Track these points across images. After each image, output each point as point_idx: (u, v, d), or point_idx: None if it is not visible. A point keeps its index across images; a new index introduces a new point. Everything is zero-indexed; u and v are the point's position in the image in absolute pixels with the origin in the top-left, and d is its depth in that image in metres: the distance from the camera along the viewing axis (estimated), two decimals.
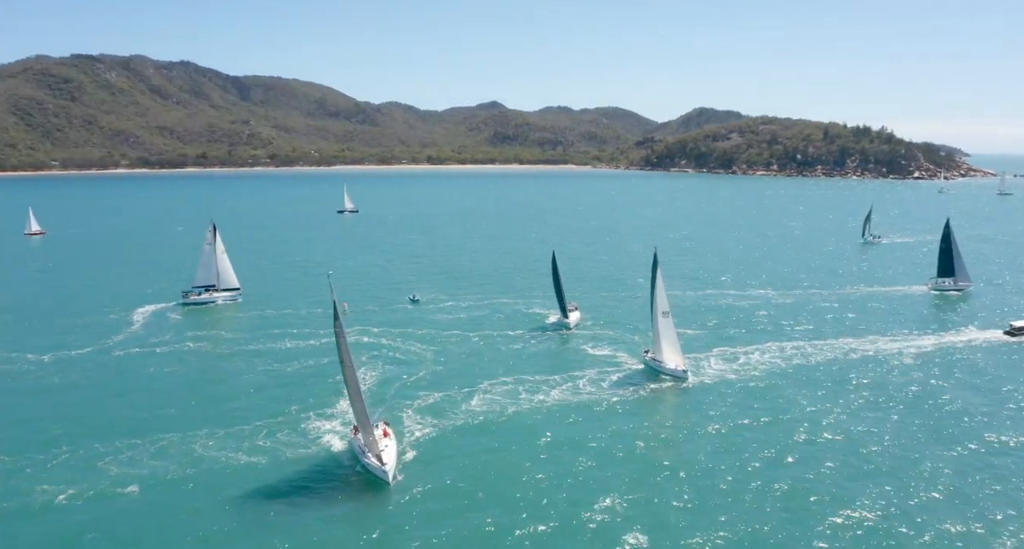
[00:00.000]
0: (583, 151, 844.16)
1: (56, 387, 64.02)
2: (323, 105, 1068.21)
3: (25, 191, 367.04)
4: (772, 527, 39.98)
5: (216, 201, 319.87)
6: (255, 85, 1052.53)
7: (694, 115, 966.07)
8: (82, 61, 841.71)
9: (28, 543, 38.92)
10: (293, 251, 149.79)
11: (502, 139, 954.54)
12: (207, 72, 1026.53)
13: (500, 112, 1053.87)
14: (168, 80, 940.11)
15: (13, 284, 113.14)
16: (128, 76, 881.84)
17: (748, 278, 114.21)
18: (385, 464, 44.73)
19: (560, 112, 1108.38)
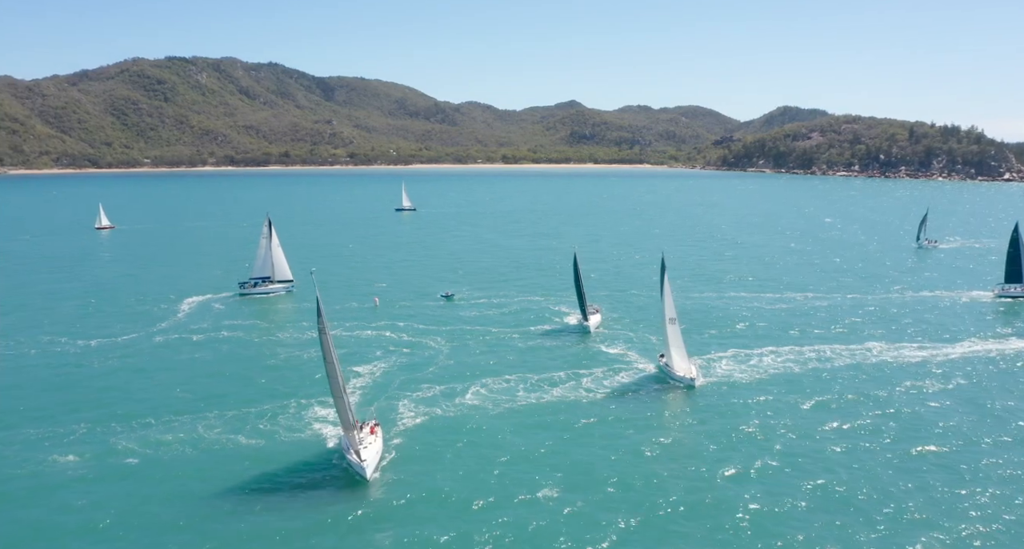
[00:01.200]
0: (660, 150, 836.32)
1: (93, 369, 68.66)
2: (403, 105, 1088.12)
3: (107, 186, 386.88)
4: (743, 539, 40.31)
5: (285, 197, 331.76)
6: (339, 86, 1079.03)
7: (777, 114, 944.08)
8: (176, 63, 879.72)
9: (27, 504, 42.52)
10: (347, 246, 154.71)
11: (578, 138, 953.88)
12: (293, 73, 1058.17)
13: (577, 111, 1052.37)
14: (256, 81, 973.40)
15: (79, 275, 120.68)
16: (218, 77, 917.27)
17: (787, 280, 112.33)
18: (364, 461, 44.91)
19: (639, 111, 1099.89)
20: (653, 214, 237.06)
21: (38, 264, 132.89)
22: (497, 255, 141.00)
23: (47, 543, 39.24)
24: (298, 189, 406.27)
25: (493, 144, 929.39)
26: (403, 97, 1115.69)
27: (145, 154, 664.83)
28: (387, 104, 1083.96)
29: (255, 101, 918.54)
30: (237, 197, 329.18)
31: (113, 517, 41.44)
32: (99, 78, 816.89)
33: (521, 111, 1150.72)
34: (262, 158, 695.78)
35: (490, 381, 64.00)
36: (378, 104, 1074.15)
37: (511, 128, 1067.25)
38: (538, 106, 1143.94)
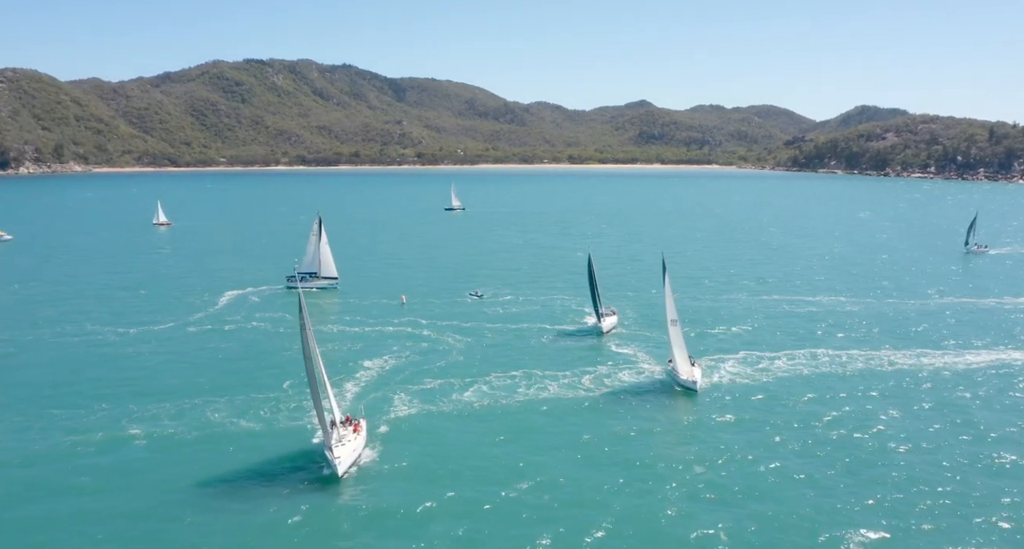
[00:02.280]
0: (729, 151, 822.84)
1: (125, 355, 72.81)
2: (473, 105, 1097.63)
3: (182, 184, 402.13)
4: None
5: (345, 196, 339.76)
6: (410, 86, 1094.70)
7: (854, 113, 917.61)
8: (253, 65, 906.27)
9: (36, 476, 46.04)
10: (390, 244, 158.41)
11: (647, 138, 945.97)
12: (366, 74, 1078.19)
13: (647, 111, 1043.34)
14: (330, 82, 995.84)
15: (132, 268, 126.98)
16: (294, 79, 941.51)
17: (823, 283, 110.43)
18: (337, 458, 45.18)
19: (711, 110, 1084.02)
20: (703, 215, 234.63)
21: (96, 257, 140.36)
22: (536, 255, 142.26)
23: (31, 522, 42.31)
24: (360, 188, 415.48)
25: (560, 144, 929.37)
26: (473, 97, 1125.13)
27: (221, 153, 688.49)
28: (457, 105, 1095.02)
29: (328, 102, 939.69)
30: (300, 195, 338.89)
31: (103, 499, 44.30)
32: (181, 80, 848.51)
33: (590, 111, 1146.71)
34: (332, 158, 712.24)
35: (493, 377, 65.20)
36: (448, 105, 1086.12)
37: (579, 128, 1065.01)
38: (608, 106, 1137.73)
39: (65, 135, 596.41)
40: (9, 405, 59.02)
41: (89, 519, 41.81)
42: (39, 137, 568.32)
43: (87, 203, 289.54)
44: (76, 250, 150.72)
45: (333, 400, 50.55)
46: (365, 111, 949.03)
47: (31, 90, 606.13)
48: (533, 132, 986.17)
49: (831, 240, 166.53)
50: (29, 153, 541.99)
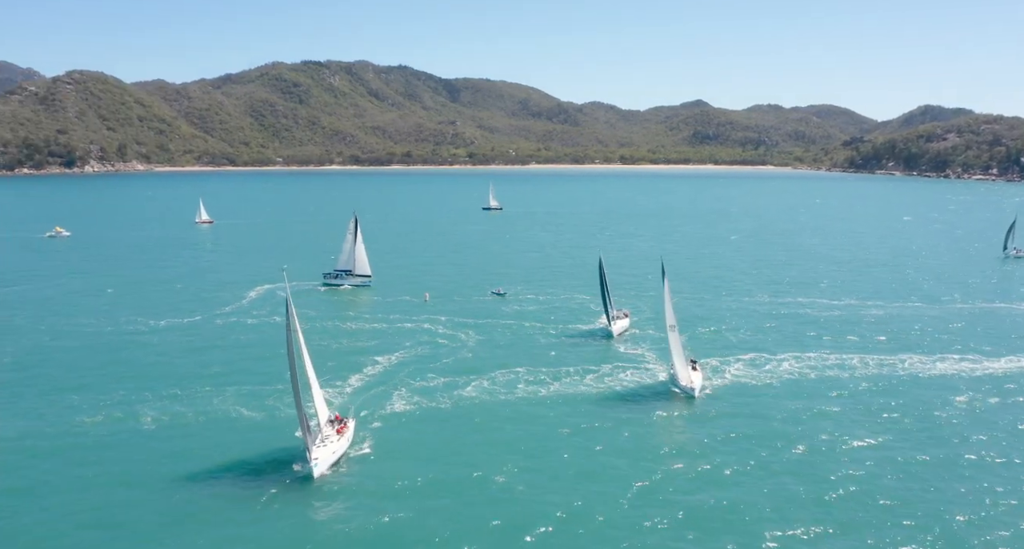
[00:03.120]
0: (786, 151, 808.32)
1: (151, 345, 76.10)
2: (527, 106, 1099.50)
3: (240, 183, 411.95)
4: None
5: (391, 195, 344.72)
6: (465, 87, 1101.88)
7: (917, 113, 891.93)
8: (311, 67, 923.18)
9: (46, 451, 48.85)
10: (424, 243, 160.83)
11: (701, 138, 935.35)
12: (421, 75, 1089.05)
13: (702, 110, 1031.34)
14: (386, 83, 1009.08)
15: (171, 263, 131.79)
16: (350, 80, 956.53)
17: (850, 287, 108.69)
18: (315, 459, 45.31)
19: (768, 110, 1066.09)
20: (743, 216, 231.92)
21: (139, 253, 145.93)
22: (566, 254, 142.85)
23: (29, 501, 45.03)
24: (406, 187, 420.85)
25: (613, 144, 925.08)
26: (527, 98, 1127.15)
27: (278, 153, 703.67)
28: (511, 105, 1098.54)
29: (383, 103, 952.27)
30: (346, 195, 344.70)
31: (93, 472, 46.84)
32: (241, 81, 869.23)
33: (645, 111, 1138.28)
34: (385, 158, 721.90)
35: (497, 374, 66.14)
36: (502, 105, 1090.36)
37: (633, 128, 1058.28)
38: (663, 106, 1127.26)
39: (128, 135, 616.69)
40: (37, 387, 62.61)
41: (72, 488, 44.49)
42: (104, 137, 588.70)
43: (143, 201, 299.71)
44: (123, 246, 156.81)
45: (320, 400, 50.51)
46: (419, 112, 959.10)
47: (97, 92, 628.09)
48: (586, 132, 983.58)
49: (867, 243, 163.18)
50: (94, 152, 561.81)
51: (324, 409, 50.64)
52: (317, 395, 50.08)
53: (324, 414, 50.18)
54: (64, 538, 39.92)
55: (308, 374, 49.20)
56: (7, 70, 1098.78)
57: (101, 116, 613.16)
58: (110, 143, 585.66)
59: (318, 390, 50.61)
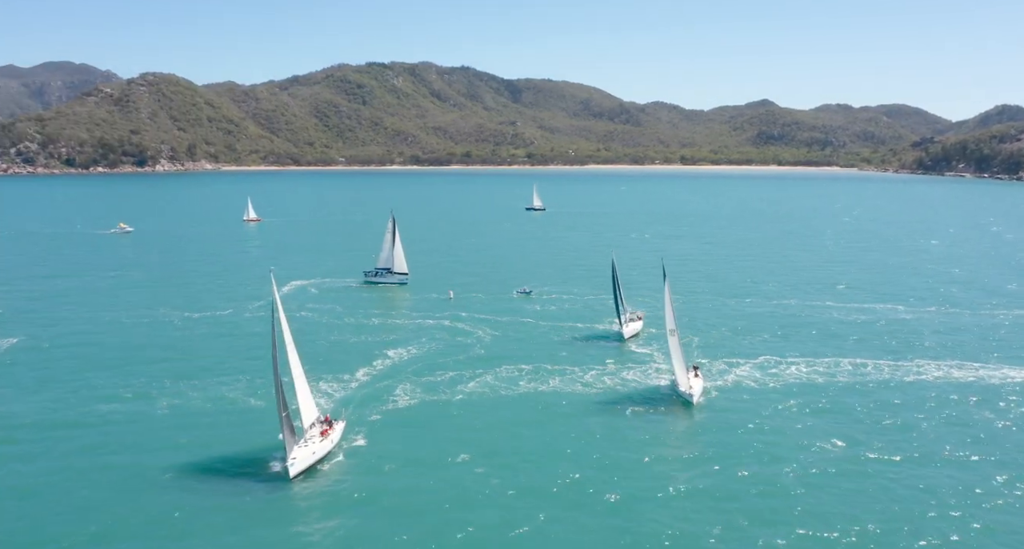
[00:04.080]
0: (852, 152, 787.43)
1: (180, 335, 79.71)
2: (588, 106, 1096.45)
3: (291, 182, 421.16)
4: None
5: (441, 194, 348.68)
6: (526, 87, 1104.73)
7: (994, 113, 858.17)
8: (374, 68, 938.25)
9: (52, 434, 51.91)
10: (463, 242, 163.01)
11: (766, 139, 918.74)
12: (484, 76, 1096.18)
13: (767, 110, 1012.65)
14: (448, 84, 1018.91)
15: (216, 259, 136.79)
16: (413, 81, 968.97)
17: (883, 291, 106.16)
18: (292, 459, 45.54)
19: (837, 110, 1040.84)
20: (788, 218, 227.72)
21: (186, 249, 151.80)
22: (603, 254, 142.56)
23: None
24: (460, 187, 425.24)
25: (675, 145, 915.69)
26: (588, 98, 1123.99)
27: (341, 153, 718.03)
28: (572, 105, 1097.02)
29: (445, 103, 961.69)
30: (400, 194, 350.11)
31: (99, 455, 49.59)
32: (307, 83, 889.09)
33: (709, 111, 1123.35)
34: (445, 158, 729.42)
35: (503, 370, 67.13)
36: (563, 105, 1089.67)
37: (696, 128, 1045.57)
38: (727, 105, 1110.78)
39: (198, 135, 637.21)
40: (66, 373, 66.40)
41: (56, 473, 47.05)
42: (175, 137, 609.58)
43: (204, 199, 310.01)
44: (176, 241, 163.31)
45: (308, 400, 50.57)
46: (480, 112, 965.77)
47: (169, 93, 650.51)
48: (647, 133, 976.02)
49: (908, 246, 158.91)
50: (165, 152, 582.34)
51: (312, 409, 50.71)
52: (304, 395, 50.10)
53: (312, 414, 50.32)
54: (21, 522, 41.45)
55: (293, 373, 49.30)
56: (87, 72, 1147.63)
57: (172, 117, 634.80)
58: (180, 143, 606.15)
59: (306, 390, 50.65)
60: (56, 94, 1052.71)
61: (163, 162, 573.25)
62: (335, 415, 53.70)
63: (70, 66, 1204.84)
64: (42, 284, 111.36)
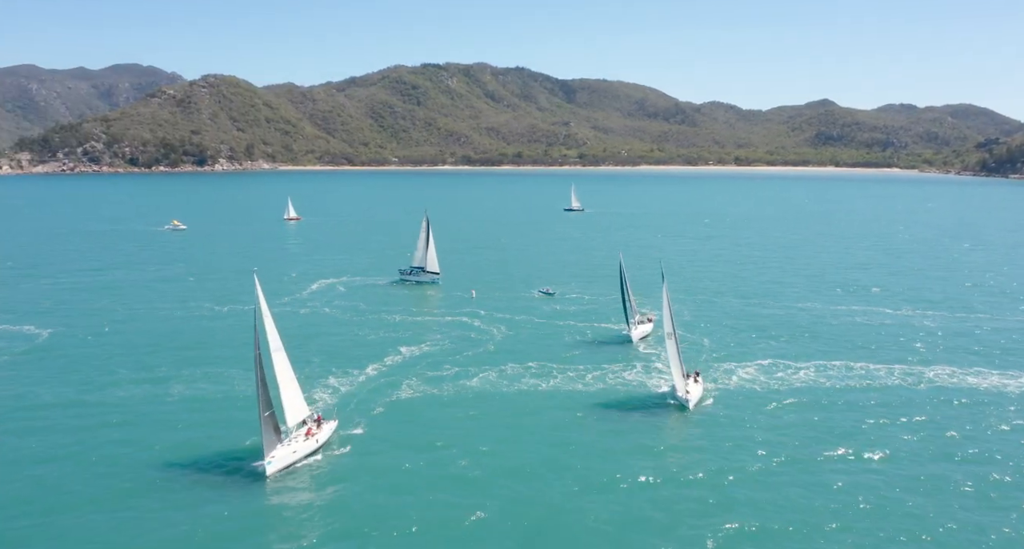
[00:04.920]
0: (914, 153, 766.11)
1: (207, 328, 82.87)
2: (643, 106, 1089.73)
3: (343, 182, 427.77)
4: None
5: (484, 194, 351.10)
6: (581, 88, 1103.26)
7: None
8: (429, 69, 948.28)
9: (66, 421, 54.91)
10: (497, 241, 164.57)
11: (824, 139, 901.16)
12: (538, 76, 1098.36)
13: (827, 110, 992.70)
14: (502, 85, 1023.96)
15: (253, 256, 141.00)
16: (467, 82, 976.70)
17: (914, 295, 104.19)
18: (270, 458, 46.29)
19: (900, 110, 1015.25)
20: (829, 220, 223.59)
21: (227, 246, 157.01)
22: (634, 255, 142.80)
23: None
24: (505, 187, 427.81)
25: (731, 145, 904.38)
26: (643, 98, 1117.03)
27: (394, 154, 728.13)
28: (627, 105, 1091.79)
29: (499, 104, 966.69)
30: (444, 193, 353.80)
31: (102, 440, 52.21)
32: (363, 84, 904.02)
33: (767, 111, 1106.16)
34: (496, 158, 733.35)
35: (508, 367, 68.09)
36: (617, 105, 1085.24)
37: (753, 129, 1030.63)
38: (786, 105, 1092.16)
39: (256, 136, 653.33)
40: (88, 360, 69.99)
41: (53, 460, 49.28)
42: (233, 137, 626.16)
43: (254, 198, 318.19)
44: (220, 239, 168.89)
45: (294, 399, 50.86)
46: (534, 113, 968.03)
47: (229, 94, 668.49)
48: (703, 133, 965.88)
49: (947, 250, 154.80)
50: (224, 152, 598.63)
51: (300, 409, 51.14)
52: (290, 395, 50.36)
53: (298, 414, 50.72)
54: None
55: (279, 374, 49.66)
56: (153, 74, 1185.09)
57: (232, 117, 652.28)
58: (239, 143, 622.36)
59: (294, 390, 50.94)
60: (124, 95, 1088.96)
61: (222, 162, 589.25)
62: (328, 415, 54.18)
63: (137, 68, 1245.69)
64: (87, 277, 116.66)
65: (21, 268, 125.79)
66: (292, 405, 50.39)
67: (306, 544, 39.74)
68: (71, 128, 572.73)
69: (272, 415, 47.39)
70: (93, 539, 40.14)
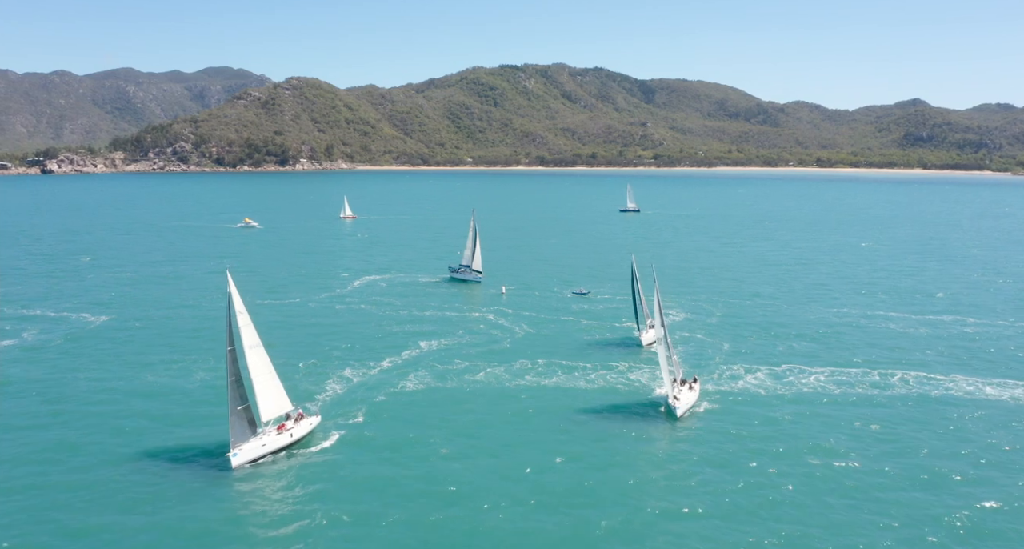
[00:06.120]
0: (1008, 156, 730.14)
1: (262, 318, 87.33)
2: (723, 106, 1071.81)
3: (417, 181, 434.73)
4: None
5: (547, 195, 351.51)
6: (660, 88, 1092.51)
7: None
8: (507, 71, 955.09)
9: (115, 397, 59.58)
10: (547, 242, 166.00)
11: (913, 140, 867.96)
12: (617, 77, 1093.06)
13: (917, 110, 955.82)
14: (579, 86, 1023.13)
15: (317, 253, 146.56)
16: (544, 83, 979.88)
17: (959, 301, 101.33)
18: (236, 450, 47.33)
19: (996, 110, 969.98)
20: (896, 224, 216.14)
21: (287, 243, 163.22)
22: (684, 257, 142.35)
23: None
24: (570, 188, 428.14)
25: (814, 146, 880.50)
26: (724, 98, 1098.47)
27: (470, 154, 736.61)
28: (707, 105, 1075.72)
29: (576, 104, 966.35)
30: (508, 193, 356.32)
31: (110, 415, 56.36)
32: (442, 86, 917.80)
33: (854, 111, 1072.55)
34: (570, 159, 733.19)
35: (517, 363, 70.12)
36: (697, 106, 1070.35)
37: (839, 129, 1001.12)
38: (874, 105, 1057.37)
39: (336, 136, 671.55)
40: (130, 347, 75.11)
41: (78, 425, 53.51)
42: (314, 138, 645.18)
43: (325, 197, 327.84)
44: (285, 236, 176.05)
45: (271, 395, 51.46)
46: (611, 113, 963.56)
47: (311, 96, 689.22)
48: (785, 133, 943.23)
49: (1004, 256, 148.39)
50: (305, 152, 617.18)
51: (279, 404, 51.83)
52: (265, 390, 51.02)
53: (276, 409, 51.45)
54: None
55: (251, 368, 50.37)
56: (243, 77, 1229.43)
57: (313, 119, 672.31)
58: (319, 144, 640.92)
59: (271, 385, 51.62)
60: (215, 97, 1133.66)
61: (303, 162, 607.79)
62: (316, 411, 55.50)
63: (228, 71, 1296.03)
64: (150, 269, 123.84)
65: (97, 260, 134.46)
66: (268, 401, 51.13)
67: (253, 533, 40.83)
68: (162, 129, 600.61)
69: (247, 409, 48.71)
70: (48, 518, 42.51)
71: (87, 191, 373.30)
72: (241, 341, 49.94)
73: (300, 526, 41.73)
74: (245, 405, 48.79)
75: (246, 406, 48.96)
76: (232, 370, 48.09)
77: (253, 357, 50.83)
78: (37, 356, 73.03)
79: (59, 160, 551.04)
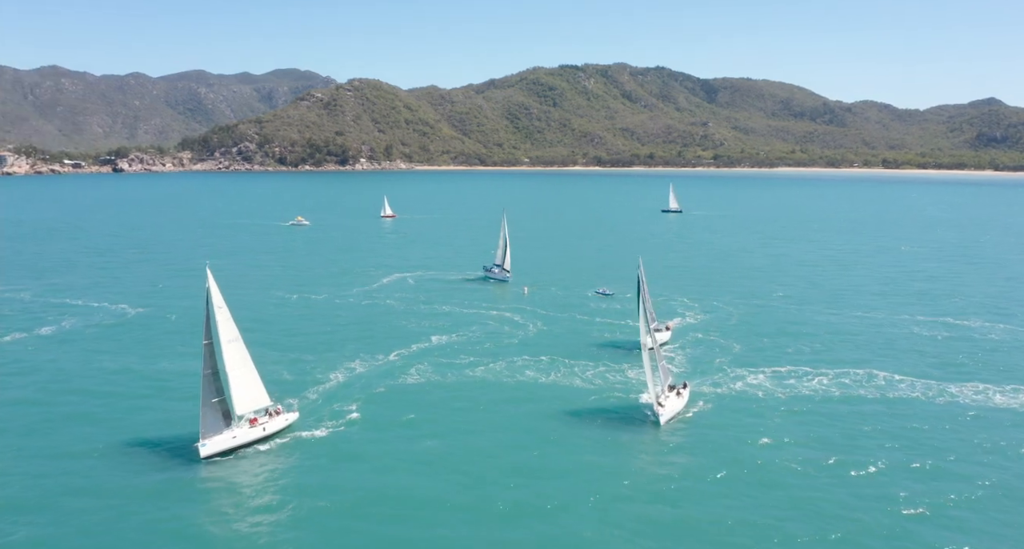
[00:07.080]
0: None
1: (270, 313, 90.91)
2: (788, 105, 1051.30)
3: (472, 181, 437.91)
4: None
5: (595, 196, 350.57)
6: (723, 87, 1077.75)
7: None
8: (567, 71, 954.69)
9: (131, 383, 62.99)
10: (592, 242, 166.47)
11: (986, 141, 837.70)
12: (678, 76, 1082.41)
13: (992, 110, 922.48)
14: (640, 85, 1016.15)
15: (356, 251, 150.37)
16: (604, 83, 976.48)
17: (988, 305, 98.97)
18: (203, 442, 48.64)
19: None
20: (943, 226, 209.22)
21: (327, 240, 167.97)
22: (720, 258, 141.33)
23: None
24: (621, 188, 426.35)
25: (882, 147, 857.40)
26: (789, 97, 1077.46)
27: (527, 154, 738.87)
28: (771, 105, 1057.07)
29: (636, 104, 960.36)
30: (556, 193, 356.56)
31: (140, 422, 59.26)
32: (502, 86, 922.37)
33: (925, 110, 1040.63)
34: (628, 159, 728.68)
35: (519, 359, 71.46)
36: (761, 105, 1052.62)
37: (908, 129, 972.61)
38: (947, 104, 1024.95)
39: (395, 137, 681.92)
40: (158, 335, 78.69)
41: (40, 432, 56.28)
42: (374, 138, 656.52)
43: (377, 196, 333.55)
44: (331, 234, 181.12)
45: (247, 389, 52.21)
46: (671, 113, 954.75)
47: (372, 97, 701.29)
48: (851, 134, 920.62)
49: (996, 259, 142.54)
50: (364, 152, 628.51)
51: (256, 398, 52.75)
52: (242, 384, 51.87)
53: (252, 403, 52.35)
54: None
55: (227, 363, 51.19)
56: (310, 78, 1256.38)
57: (374, 119, 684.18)
58: (379, 144, 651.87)
59: (249, 380, 52.49)
60: (282, 98, 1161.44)
61: (362, 161, 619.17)
62: (289, 407, 56.36)
63: (296, 73, 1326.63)
64: (193, 263, 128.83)
65: (147, 255, 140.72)
66: (243, 395, 52.11)
67: (207, 523, 42.07)
68: (228, 129, 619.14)
69: (222, 402, 50.06)
70: (18, 503, 44.32)
71: (150, 188, 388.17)
72: (219, 335, 50.87)
73: (255, 521, 42.19)
74: (220, 398, 49.97)
75: (221, 399, 49.98)
76: (208, 363, 49.43)
77: (231, 351, 51.67)
78: (63, 344, 77.22)
79: (129, 159, 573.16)
